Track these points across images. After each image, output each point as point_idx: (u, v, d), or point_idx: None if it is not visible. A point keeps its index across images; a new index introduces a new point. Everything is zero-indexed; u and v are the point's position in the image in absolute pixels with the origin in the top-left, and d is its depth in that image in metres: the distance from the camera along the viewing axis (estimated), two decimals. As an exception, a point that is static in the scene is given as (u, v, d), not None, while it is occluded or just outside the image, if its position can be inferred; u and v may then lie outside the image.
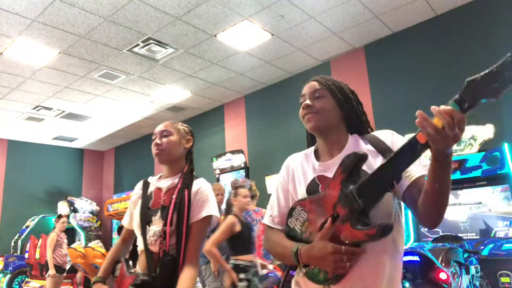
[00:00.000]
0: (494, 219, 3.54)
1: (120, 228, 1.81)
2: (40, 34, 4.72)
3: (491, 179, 3.58)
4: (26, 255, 7.16)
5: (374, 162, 1.15)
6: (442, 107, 0.90)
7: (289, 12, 4.54)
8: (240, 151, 6.43)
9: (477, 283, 3.19)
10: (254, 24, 4.75)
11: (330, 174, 1.17)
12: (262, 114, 6.77)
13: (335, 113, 1.23)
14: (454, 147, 3.89)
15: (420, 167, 1.11)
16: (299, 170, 1.29)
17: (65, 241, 5.79)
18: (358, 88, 1.30)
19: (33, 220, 8.30)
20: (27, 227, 8.24)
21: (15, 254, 7.88)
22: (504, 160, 3.50)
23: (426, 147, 0.94)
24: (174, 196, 1.58)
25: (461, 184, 3.72)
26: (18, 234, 8.19)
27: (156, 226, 1.57)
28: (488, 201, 3.61)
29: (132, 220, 1.71)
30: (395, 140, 1.19)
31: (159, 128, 1.73)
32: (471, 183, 3.66)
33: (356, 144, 1.23)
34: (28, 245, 7.19)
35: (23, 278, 7.18)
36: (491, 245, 3.31)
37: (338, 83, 1.28)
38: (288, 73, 6.25)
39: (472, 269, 3.16)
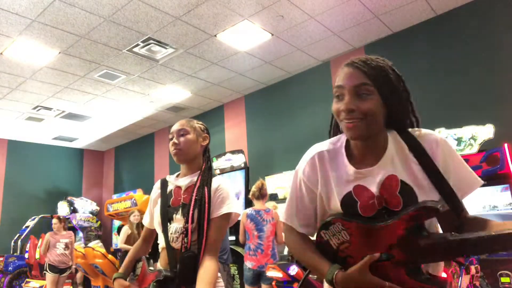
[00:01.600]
0: (494, 219, 3.54)
1: (120, 228, 1.82)
2: (40, 34, 4.72)
3: (491, 179, 3.57)
4: (26, 255, 7.16)
5: (415, 168, 1.03)
6: None
7: (289, 12, 4.54)
8: (240, 151, 6.43)
9: (477, 283, 3.19)
10: (254, 24, 4.75)
11: (369, 185, 1.05)
12: (262, 114, 6.77)
13: (381, 113, 1.02)
14: (454, 147, 3.90)
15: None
16: (331, 172, 1.10)
17: (62, 240, 5.75)
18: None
19: (33, 220, 8.30)
20: (27, 227, 8.23)
21: (15, 254, 7.88)
22: (504, 160, 3.50)
23: None
24: (194, 194, 1.60)
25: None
26: (18, 234, 8.19)
27: (177, 224, 1.59)
28: (488, 201, 3.61)
29: (152, 219, 1.73)
30: (438, 152, 1.03)
31: (176, 127, 1.72)
32: (471, 183, 3.66)
33: (397, 147, 1.06)
34: (28, 245, 7.20)
35: (23, 278, 7.18)
36: (491, 245, 3.30)
37: (384, 69, 1.05)
38: (288, 73, 6.25)
39: (472, 269, 3.16)
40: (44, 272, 5.70)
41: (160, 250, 1.65)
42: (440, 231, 1.11)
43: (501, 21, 4.35)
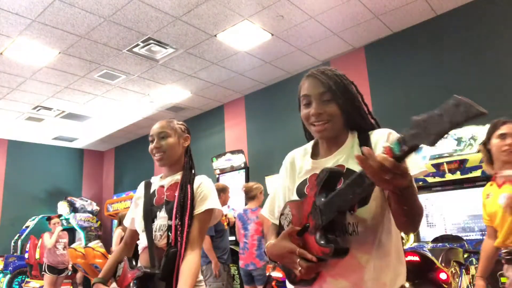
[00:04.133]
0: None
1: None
2: (40, 34, 4.72)
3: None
4: (26, 255, 7.16)
5: None
6: (378, 153, 0.86)
7: (289, 12, 4.54)
8: (240, 151, 6.43)
9: (477, 283, 3.18)
10: (254, 24, 4.75)
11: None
12: (262, 114, 6.77)
13: (341, 116, 1.18)
14: (454, 147, 3.89)
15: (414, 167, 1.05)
16: (296, 166, 1.30)
17: (62, 241, 5.74)
18: (358, 88, 1.28)
19: (33, 220, 8.30)
20: (27, 227, 8.23)
21: (15, 254, 7.88)
22: (504, 160, 3.49)
23: (372, 184, 0.90)
24: (177, 191, 1.60)
25: (461, 184, 3.72)
26: (18, 234, 8.19)
27: (161, 221, 1.59)
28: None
29: (133, 220, 1.73)
30: (383, 141, 1.13)
31: (156, 129, 1.72)
32: (471, 183, 3.66)
33: (352, 143, 1.20)
34: (28, 245, 7.20)
35: (23, 278, 7.18)
36: (491, 245, 3.30)
37: (340, 79, 1.20)
38: (288, 73, 6.25)
39: (472, 269, 3.16)
40: (43, 273, 5.69)
41: (140, 250, 1.64)
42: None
43: (501, 21, 4.34)
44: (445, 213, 3.79)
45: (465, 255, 3.15)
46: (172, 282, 1.49)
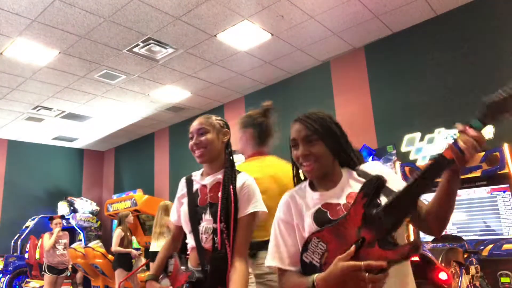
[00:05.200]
0: (494, 219, 3.54)
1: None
2: (40, 34, 4.72)
3: (491, 179, 3.57)
4: (26, 255, 7.16)
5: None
6: (471, 131, 1.02)
7: (289, 12, 4.54)
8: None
9: (477, 283, 3.19)
10: (254, 24, 4.75)
11: (334, 200, 1.21)
12: (262, 114, 6.76)
13: (329, 154, 1.24)
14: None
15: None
16: (301, 203, 1.26)
17: (62, 241, 5.74)
18: (358, 88, 1.30)
19: (33, 220, 8.30)
20: (27, 227, 8.23)
21: (15, 254, 7.88)
22: (504, 160, 3.50)
23: (452, 162, 1.03)
24: (220, 193, 1.58)
25: (461, 184, 3.72)
26: (18, 234, 8.19)
27: (207, 223, 1.57)
28: (488, 201, 3.61)
29: (179, 217, 1.71)
30: (383, 170, 1.21)
31: (195, 126, 1.69)
32: (471, 183, 3.66)
33: (350, 176, 1.26)
34: (28, 245, 7.20)
35: (23, 278, 7.18)
36: (491, 245, 3.30)
37: (323, 121, 1.27)
38: (288, 73, 6.25)
39: (472, 269, 3.16)
40: (43, 273, 5.68)
41: (189, 250, 1.64)
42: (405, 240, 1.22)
43: (501, 21, 4.34)
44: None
45: (465, 255, 3.15)
46: None
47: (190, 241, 1.62)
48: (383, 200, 1.09)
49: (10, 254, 7.84)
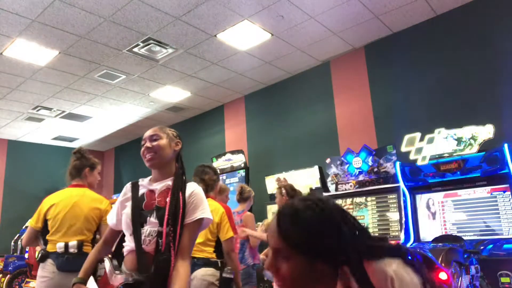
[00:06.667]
0: (494, 219, 3.54)
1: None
2: (40, 34, 4.72)
3: (491, 179, 3.57)
4: (26, 255, 7.14)
5: None
6: None
7: (289, 12, 4.54)
8: (240, 151, 6.43)
9: (477, 283, 3.19)
10: (254, 24, 4.75)
11: None
12: (262, 114, 6.77)
13: None
14: (454, 147, 3.88)
15: None
16: None
17: None
18: (358, 88, 1.28)
19: (33, 220, 8.28)
20: (27, 227, 8.21)
21: (15, 254, 7.87)
22: (504, 160, 3.49)
23: None
24: (169, 198, 1.61)
25: (461, 184, 3.71)
26: (18, 234, 8.18)
27: (151, 226, 1.59)
28: (488, 201, 3.61)
29: (119, 221, 1.71)
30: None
31: (148, 133, 1.74)
32: (471, 183, 3.65)
33: None
34: (28, 245, 7.19)
35: (23, 278, 7.18)
36: (491, 245, 3.30)
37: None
38: (288, 73, 6.25)
39: (472, 269, 3.15)
40: None
41: (125, 253, 1.64)
42: None
43: (501, 21, 4.34)
44: (445, 213, 3.79)
45: (465, 255, 3.14)
46: None
47: (129, 244, 1.61)
48: None
49: (10, 254, 7.83)
